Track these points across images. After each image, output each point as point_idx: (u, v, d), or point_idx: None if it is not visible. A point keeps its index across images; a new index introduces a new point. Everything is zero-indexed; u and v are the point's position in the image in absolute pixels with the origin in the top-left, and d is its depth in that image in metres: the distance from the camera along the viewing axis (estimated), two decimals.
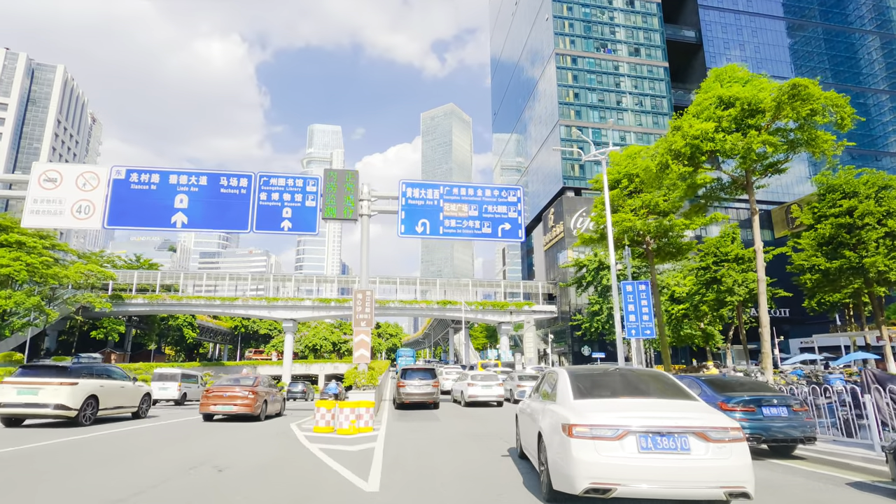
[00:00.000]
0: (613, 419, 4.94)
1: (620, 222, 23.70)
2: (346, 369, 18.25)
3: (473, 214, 19.33)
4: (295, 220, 18.33)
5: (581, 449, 4.84)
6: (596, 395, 5.75)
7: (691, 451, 4.76)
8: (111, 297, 62.72)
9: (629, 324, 18.72)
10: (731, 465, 4.74)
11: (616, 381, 6.18)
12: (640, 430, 4.84)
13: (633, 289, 18.96)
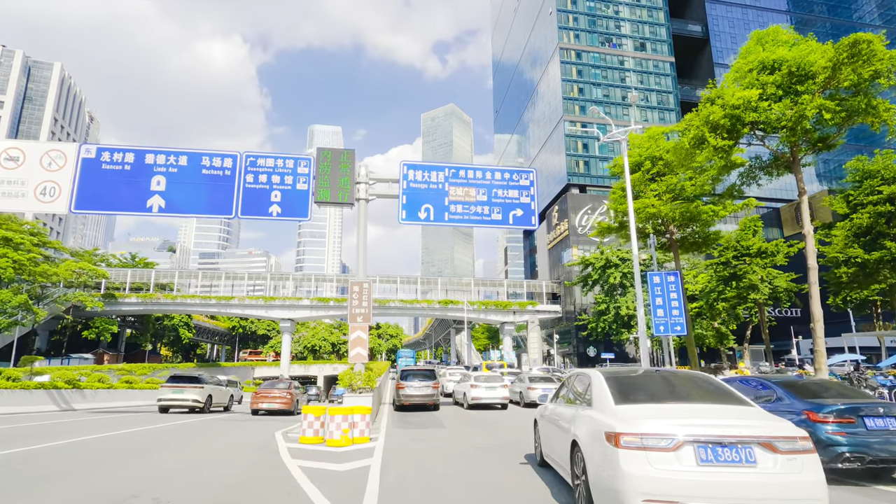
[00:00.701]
0: (667, 427, 4.41)
1: (643, 209, 21.83)
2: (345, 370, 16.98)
3: (482, 199, 17.55)
4: (285, 205, 16.56)
5: (631, 461, 4.32)
6: (639, 399, 5.22)
7: (757, 463, 4.26)
8: (104, 296, 60.94)
9: (657, 319, 16.94)
10: (803, 481, 4.20)
11: (658, 385, 5.72)
12: (699, 439, 4.32)
13: (662, 280, 17.18)
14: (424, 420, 16.45)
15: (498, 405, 21.07)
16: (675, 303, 16.77)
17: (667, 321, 16.76)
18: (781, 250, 34.93)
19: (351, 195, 16.56)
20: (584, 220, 73.06)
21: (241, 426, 15.34)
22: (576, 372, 7.12)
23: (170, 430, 13.49)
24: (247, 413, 21.13)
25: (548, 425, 7.14)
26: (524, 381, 22.47)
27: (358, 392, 14.11)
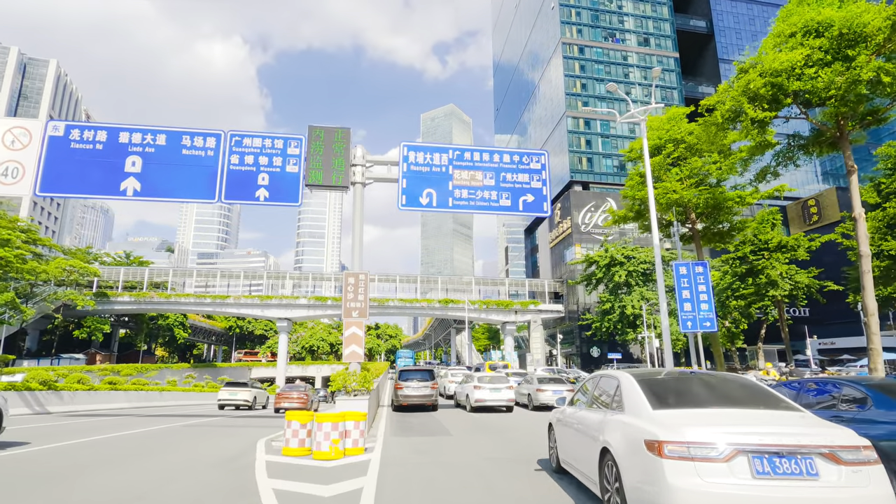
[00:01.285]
0: (718, 435, 4.03)
1: (664, 195, 20.27)
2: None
3: (489, 184, 16.08)
4: (273, 189, 15.08)
5: (677, 473, 3.94)
6: (678, 404, 4.83)
7: (820, 476, 3.86)
8: (96, 295, 59.37)
9: (684, 314, 15.45)
10: (871, 495, 3.77)
11: (696, 388, 5.28)
12: (754, 449, 3.95)
13: (689, 271, 15.68)
14: (426, 424, 14.96)
15: (503, 408, 19.63)
16: (703, 296, 15.28)
17: (695, 316, 15.27)
18: (802, 244, 33.24)
19: (345, 178, 15.08)
20: (588, 217, 71.60)
21: (226, 431, 13.86)
22: (598, 374, 6.65)
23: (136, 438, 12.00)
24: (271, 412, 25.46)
25: (567, 430, 6.68)
26: (532, 383, 20.99)
27: (352, 395, 12.62)
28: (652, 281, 55.23)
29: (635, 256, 54.62)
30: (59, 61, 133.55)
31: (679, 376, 5.70)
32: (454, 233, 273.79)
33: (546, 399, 19.64)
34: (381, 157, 16.13)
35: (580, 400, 6.77)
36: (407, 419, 16.67)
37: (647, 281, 54.81)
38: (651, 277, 55.13)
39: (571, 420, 6.55)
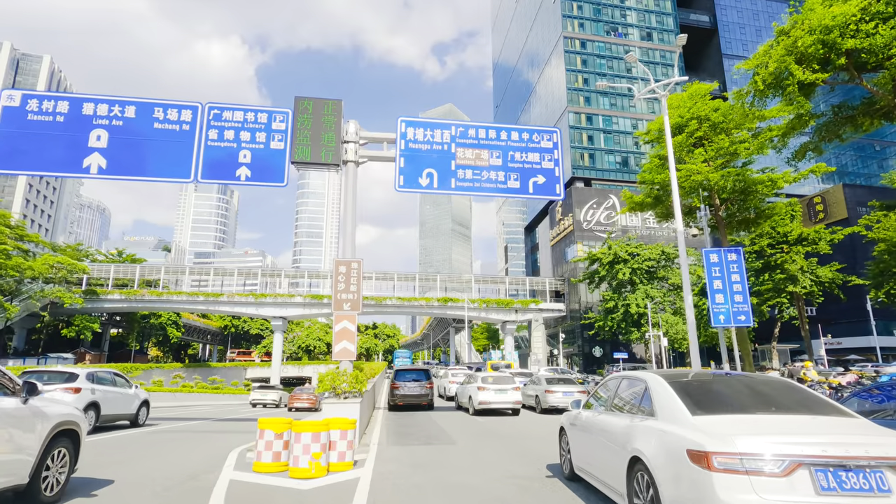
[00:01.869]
0: (774, 446, 3.57)
1: (687, 177, 18.70)
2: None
3: (496, 163, 14.53)
4: (255, 167, 13.50)
5: (730, 488, 3.49)
6: (721, 409, 4.38)
7: (893, 491, 3.43)
8: (85, 293, 57.70)
9: (716, 307, 13.93)
10: None
11: (737, 392, 4.82)
12: (816, 461, 3.51)
13: (720, 258, 14.15)
14: (426, 429, 13.42)
15: (509, 410, 18.14)
16: (737, 286, 13.78)
17: (728, 309, 13.78)
18: (824, 237, 31.54)
19: (336, 154, 13.51)
20: (590, 214, 70.16)
21: (204, 437, 12.30)
22: (617, 375, 6.25)
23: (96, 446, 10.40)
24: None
25: (584, 436, 6.28)
26: (540, 384, 19.46)
27: (342, 398, 11.06)
28: (657, 279, 53.83)
29: (639, 254, 53.19)
30: (52, 57, 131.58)
31: (714, 378, 5.24)
32: (452, 232, 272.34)
33: (556, 401, 18.13)
34: (376, 133, 14.59)
35: (597, 403, 6.37)
36: (405, 423, 15.13)
37: (651, 279, 53.40)
38: (656, 275, 53.72)
39: (589, 425, 6.10)
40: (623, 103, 77.43)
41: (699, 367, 14.15)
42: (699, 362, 13.59)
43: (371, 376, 19.18)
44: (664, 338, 40.36)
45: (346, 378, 11.21)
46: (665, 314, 50.14)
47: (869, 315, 52.83)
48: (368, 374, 17.41)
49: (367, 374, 16.77)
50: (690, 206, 19.93)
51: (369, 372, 18.08)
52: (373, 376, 20.05)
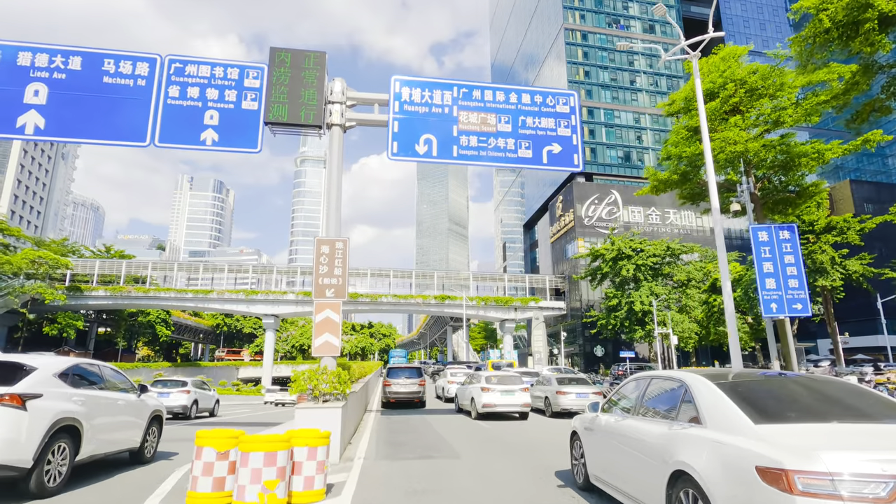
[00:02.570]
0: (874, 463, 2.96)
1: (723, 148, 16.68)
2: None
3: (505, 129, 12.58)
4: (224, 130, 11.51)
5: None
6: (790, 417, 3.83)
7: None
8: (68, 289, 55.48)
9: (766, 294, 12.02)
10: None
11: (801, 396, 4.25)
12: None
13: (771, 237, 12.23)
14: (423, 437, 11.45)
15: (516, 414, 16.21)
16: (791, 269, 11.87)
17: (781, 296, 11.88)
18: (853, 226, 29.50)
19: (318, 115, 11.53)
20: (591, 210, 68.30)
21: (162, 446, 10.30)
22: (643, 375, 5.58)
23: None
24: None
25: (604, 443, 5.65)
26: (550, 384, 17.51)
27: (321, 401, 9.09)
28: (662, 275, 51.95)
29: (644, 249, 51.27)
30: None
31: (767, 380, 4.64)
32: (449, 232, 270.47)
33: (569, 404, 16.21)
34: (366, 94, 12.62)
35: (617, 406, 5.82)
36: (398, 429, 13.16)
37: (656, 276, 51.51)
38: (661, 272, 51.85)
39: (610, 431, 5.54)
40: (625, 97, 75.63)
41: (741, 366, 12.23)
42: (740, 360, 11.67)
43: (361, 376, 17.20)
44: (673, 336, 38.49)
45: (327, 377, 9.23)
46: (669, 312, 48.32)
47: (879, 313, 51.16)
48: (358, 373, 15.43)
49: (356, 373, 14.79)
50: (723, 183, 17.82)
51: (358, 371, 16.10)
52: (363, 376, 18.07)
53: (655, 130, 75.41)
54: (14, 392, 5.50)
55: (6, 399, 5.41)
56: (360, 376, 16.40)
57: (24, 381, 5.78)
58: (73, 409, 6.20)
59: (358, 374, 15.44)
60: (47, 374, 6.17)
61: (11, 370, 5.90)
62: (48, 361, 6.51)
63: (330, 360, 10.73)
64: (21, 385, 5.68)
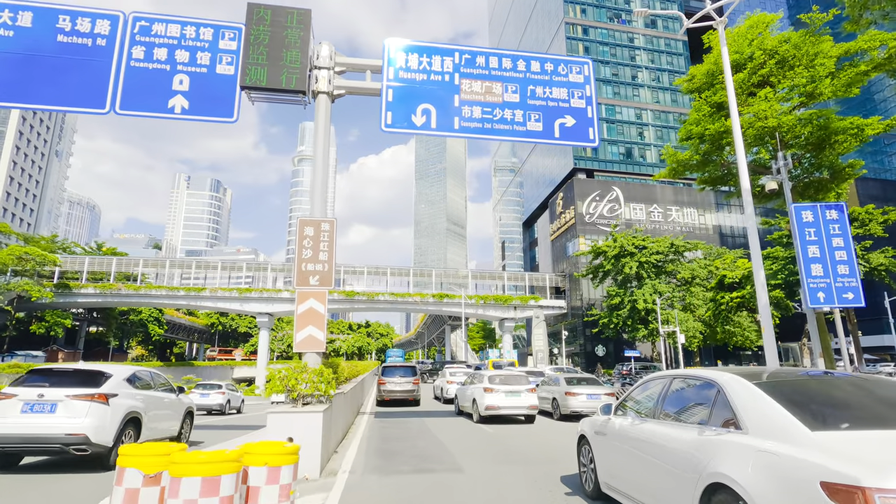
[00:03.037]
0: None
1: (752, 123, 15.26)
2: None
3: (512, 100, 11.26)
4: (195, 97, 10.16)
5: None
6: (852, 424, 3.38)
7: None
8: (56, 286, 53.99)
9: (811, 281, 10.71)
10: None
11: (860, 398, 3.80)
12: None
13: (817, 217, 10.91)
14: (419, 445, 10.13)
15: (521, 417, 14.92)
16: (840, 253, 10.57)
17: (829, 284, 10.59)
18: (875, 217, 28.07)
19: (301, 79, 10.19)
20: (593, 207, 67.01)
21: None
22: (667, 374, 5.04)
23: None
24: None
25: (619, 448, 5.17)
26: (558, 384, 16.20)
27: (301, 404, 7.76)
28: (665, 273, 50.72)
29: (647, 247, 50.03)
30: None
31: (813, 379, 4.13)
32: (448, 232, 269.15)
33: (579, 406, 14.92)
34: (357, 59, 11.30)
35: (632, 408, 5.33)
36: (392, 434, 11.82)
37: (659, 273, 50.28)
38: (664, 270, 50.61)
39: (626, 435, 5.02)
40: (627, 92, 74.38)
41: (776, 365, 10.94)
42: (776, 358, 10.35)
43: (353, 375, 15.86)
44: (680, 335, 37.25)
45: (308, 376, 7.89)
46: (673, 310, 47.09)
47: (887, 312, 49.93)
48: (348, 372, 14.10)
49: (346, 372, 13.46)
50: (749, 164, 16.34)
51: (349, 370, 14.75)
52: (356, 375, 16.73)
53: (657, 126, 74.22)
54: (101, 392, 7.64)
55: (97, 397, 7.54)
56: (351, 376, 15.07)
57: (106, 384, 7.85)
58: (136, 405, 8.36)
59: (349, 374, 14.10)
60: (119, 379, 8.26)
61: (97, 376, 7.95)
62: (119, 369, 8.61)
63: (314, 356, 9.40)
64: (105, 387, 7.77)
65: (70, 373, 8.04)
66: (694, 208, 70.76)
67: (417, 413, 17.69)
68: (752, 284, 32.09)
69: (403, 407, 20.14)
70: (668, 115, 74.80)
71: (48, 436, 7.08)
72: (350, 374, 14.82)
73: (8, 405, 7.24)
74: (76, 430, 7.16)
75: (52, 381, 7.63)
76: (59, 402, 7.31)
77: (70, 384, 7.60)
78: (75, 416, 7.25)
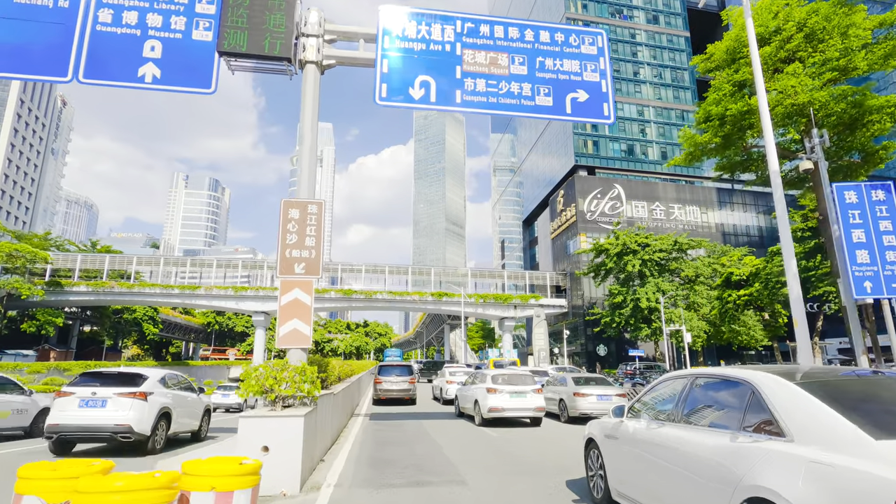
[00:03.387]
0: None
1: (780, 101, 14.20)
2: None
3: (519, 72, 10.27)
4: (168, 64, 9.16)
5: None
6: None
7: None
8: (48, 284, 52.90)
9: (857, 270, 9.72)
10: None
11: None
12: None
13: (861, 197, 9.92)
14: (417, 451, 9.13)
15: (527, 419, 13.94)
16: (889, 238, 9.58)
17: (876, 272, 9.61)
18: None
19: (287, 46, 9.18)
20: (594, 204, 66.04)
21: None
22: (689, 373, 4.60)
23: None
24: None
25: (634, 454, 4.80)
26: (565, 384, 15.21)
27: (280, 407, 6.75)
28: (668, 271, 49.76)
29: (650, 244, 49.07)
30: None
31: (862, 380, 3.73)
32: (446, 231, 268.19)
33: (588, 407, 13.93)
34: (348, 27, 10.30)
35: (649, 411, 4.91)
36: (387, 438, 10.82)
37: (662, 271, 49.31)
38: (667, 268, 49.64)
39: (643, 441, 4.65)
40: (628, 88, 73.43)
41: (811, 362, 9.96)
42: (811, 355, 9.38)
43: (347, 374, 14.86)
44: (687, 333, 36.28)
45: (289, 374, 6.88)
46: (677, 309, 46.14)
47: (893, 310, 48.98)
48: (339, 371, 13.10)
49: (338, 371, 12.46)
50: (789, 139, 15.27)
51: (342, 369, 13.75)
52: (350, 375, 15.74)
53: (660, 123, 73.28)
54: (141, 391, 9.17)
55: (138, 395, 9.08)
56: (344, 375, 14.07)
57: (144, 384, 9.34)
58: (167, 402, 9.76)
59: (340, 372, 13.10)
60: (154, 380, 9.69)
61: (137, 378, 9.46)
62: (153, 372, 10.04)
63: (299, 352, 8.41)
64: (143, 387, 9.28)
65: (115, 375, 9.62)
66: (696, 206, 69.84)
67: (415, 414, 16.70)
68: (759, 281, 31.18)
69: (400, 406, 19.41)
70: (670, 112, 73.88)
71: (100, 426, 8.75)
72: (343, 374, 13.83)
73: (67, 401, 8.88)
74: (122, 421, 8.78)
75: (101, 382, 9.30)
76: (109, 399, 8.93)
77: (116, 384, 9.22)
78: (121, 410, 8.85)
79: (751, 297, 33.84)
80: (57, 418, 8.73)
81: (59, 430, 8.68)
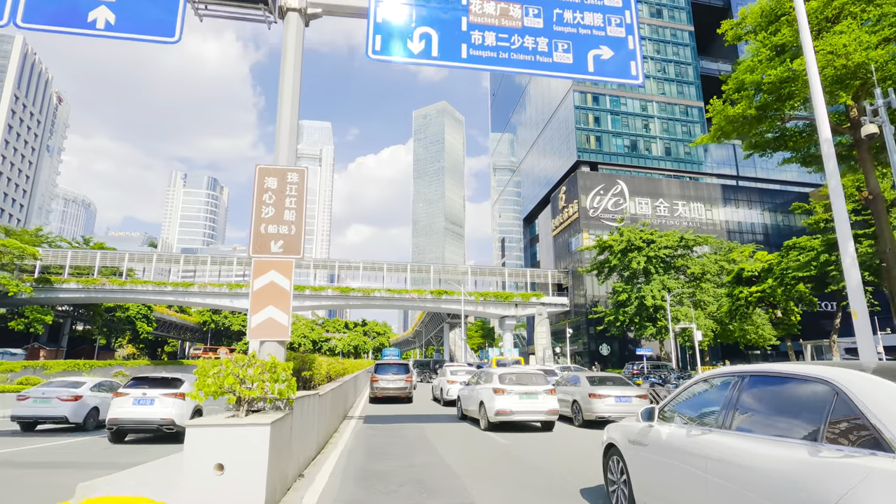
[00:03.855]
0: None
1: (831, 62, 12.69)
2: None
3: (534, 25, 8.93)
4: (124, 8, 7.81)
5: None
6: None
7: None
8: (36, 281, 51.49)
9: None
10: None
11: None
12: None
13: None
14: (416, 461, 7.76)
15: (538, 423, 12.58)
16: None
17: None
18: None
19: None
20: (597, 201, 64.69)
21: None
22: (737, 370, 4.01)
23: None
24: None
25: (668, 465, 4.23)
26: (579, 385, 13.85)
27: (244, 413, 5.39)
28: (674, 268, 48.43)
29: (655, 241, 47.75)
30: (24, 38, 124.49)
31: None
32: (446, 231, 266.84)
33: (606, 410, 12.57)
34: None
35: (686, 414, 4.38)
36: (383, 443, 9.45)
37: (668, 268, 48.00)
38: (672, 265, 48.33)
39: (681, 449, 4.05)
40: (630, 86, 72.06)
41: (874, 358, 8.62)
42: (874, 349, 8.07)
43: (339, 373, 13.49)
44: (697, 332, 34.96)
45: (254, 372, 5.51)
46: (684, 307, 44.83)
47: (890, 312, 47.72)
48: (331, 369, 11.73)
49: (327, 368, 11.10)
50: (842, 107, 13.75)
51: (334, 367, 12.39)
52: (343, 374, 14.37)
53: (663, 119, 71.97)
54: (180, 392, 11.12)
55: (178, 395, 11.02)
56: (336, 374, 12.71)
57: (182, 386, 11.33)
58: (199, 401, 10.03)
59: (331, 371, 11.74)
60: (188, 383, 11.44)
61: (176, 381, 11.46)
62: (188, 376, 11.39)
63: (275, 346, 7.07)
64: (182, 388, 11.24)
65: (159, 379, 11.42)
66: (701, 203, 68.55)
67: (414, 417, 15.35)
68: (773, 277, 29.83)
69: (397, 407, 18.29)
70: (674, 107, 72.56)
71: (150, 420, 10.59)
72: (334, 372, 12.47)
73: (123, 400, 10.71)
74: (167, 416, 10.64)
75: (149, 384, 11.14)
76: (156, 398, 10.77)
77: (160, 386, 11.05)
78: (165, 407, 10.68)
79: (763, 294, 32.51)
80: (116, 413, 10.57)
81: (117, 423, 10.59)
